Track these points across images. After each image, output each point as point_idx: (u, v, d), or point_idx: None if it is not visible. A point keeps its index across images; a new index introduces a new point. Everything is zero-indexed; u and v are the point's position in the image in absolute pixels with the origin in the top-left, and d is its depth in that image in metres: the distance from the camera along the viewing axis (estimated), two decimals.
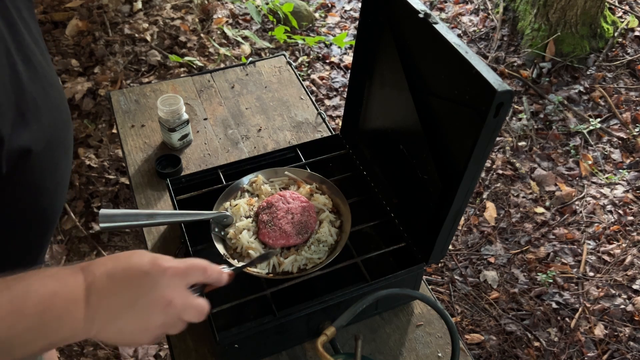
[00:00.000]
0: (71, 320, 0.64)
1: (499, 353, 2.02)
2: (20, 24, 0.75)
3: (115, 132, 2.62)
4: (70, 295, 0.64)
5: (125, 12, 3.30)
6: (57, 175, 0.86)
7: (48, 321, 0.62)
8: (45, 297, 0.62)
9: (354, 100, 1.24)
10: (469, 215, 2.48)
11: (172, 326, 0.72)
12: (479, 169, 0.88)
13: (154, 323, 0.69)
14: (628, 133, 2.83)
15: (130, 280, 0.68)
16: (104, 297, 0.66)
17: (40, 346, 0.63)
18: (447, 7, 3.64)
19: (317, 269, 1.02)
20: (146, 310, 0.69)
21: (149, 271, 0.69)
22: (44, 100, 0.78)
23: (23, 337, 0.61)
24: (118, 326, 0.67)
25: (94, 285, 0.66)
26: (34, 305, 0.61)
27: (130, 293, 0.68)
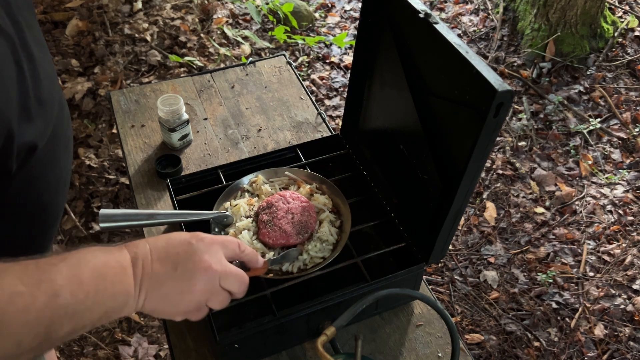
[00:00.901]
0: (122, 287, 0.68)
1: (499, 353, 2.02)
2: (22, 21, 0.76)
3: (115, 132, 2.62)
4: (119, 264, 0.69)
5: (125, 12, 3.30)
6: (58, 170, 0.87)
7: (103, 288, 0.65)
8: (98, 265, 0.66)
9: (354, 100, 1.24)
10: (469, 215, 2.48)
11: (214, 294, 0.76)
12: (479, 169, 0.88)
13: (196, 287, 0.73)
14: (628, 133, 2.83)
15: (171, 249, 0.73)
16: (148, 266, 0.71)
17: (99, 314, 0.66)
18: (447, 7, 3.64)
19: (317, 269, 1.02)
20: (187, 274, 0.72)
21: (189, 240, 0.75)
22: (46, 96, 0.78)
23: (84, 303, 0.63)
24: (163, 292, 0.71)
25: (137, 257, 0.71)
26: (89, 272, 0.64)
27: (171, 259, 0.72)
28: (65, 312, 0.61)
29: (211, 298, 0.76)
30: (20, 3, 0.77)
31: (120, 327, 2.05)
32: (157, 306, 0.72)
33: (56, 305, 0.60)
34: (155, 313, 0.74)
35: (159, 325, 2.06)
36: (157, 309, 0.73)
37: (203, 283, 0.74)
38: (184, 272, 0.72)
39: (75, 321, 0.63)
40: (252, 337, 0.96)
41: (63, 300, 0.61)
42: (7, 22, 0.72)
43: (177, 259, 0.73)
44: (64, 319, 0.61)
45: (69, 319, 0.62)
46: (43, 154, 0.79)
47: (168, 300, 0.72)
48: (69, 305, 0.61)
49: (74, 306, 0.62)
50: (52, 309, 0.60)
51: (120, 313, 0.69)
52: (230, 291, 0.78)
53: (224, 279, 0.76)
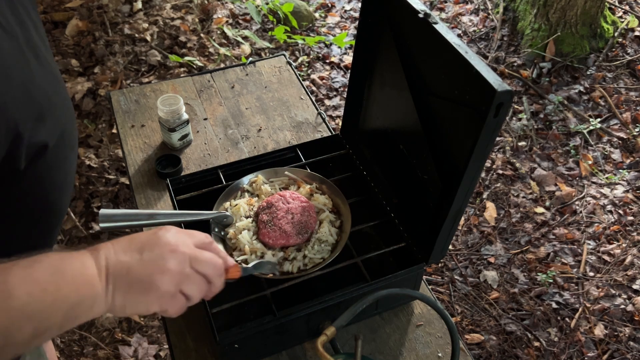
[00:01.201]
0: (84, 280, 0.65)
1: (499, 353, 2.02)
2: (28, 21, 0.76)
3: (115, 132, 2.62)
4: (78, 260, 0.66)
5: (125, 12, 3.30)
6: (65, 170, 0.88)
7: (63, 284, 0.63)
8: (54, 262, 0.64)
9: (354, 100, 1.24)
10: (469, 215, 2.48)
11: (188, 278, 0.72)
12: (479, 169, 0.88)
13: (165, 267, 0.70)
14: (628, 133, 2.83)
15: (134, 240, 0.71)
16: (111, 257, 0.68)
17: (62, 314, 0.63)
18: (447, 7, 3.64)
19: (317, 269, 1.02)
20: (154, 256, 0.70)
21: (153, 232, 0.73)
22: (54, 96, 0.79)
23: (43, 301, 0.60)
24: (131, 278, 0.68)
25: (99, 252, 0.68)
26: (45, 270, 0.62)
27: (136, 247, 0.70)
28: (23, 313, 0.59)
29: (185, 282, 0.72)
30: (25, 2, 0.78)
31: (120, 327, 2.05)
32: (129, 297, 0.68)
33: (11, 307, 0.58)
34: (128, 307, 0.69)
35: (159, 325, 2.06)
36: (130, 301, 0.69)
37: (172, 263, 0.70)
38: (151, 256, 0.69)
39: (35, 323, 0.60)
40: (252, 337, 0.96)
41: (18, 301, 0.58)
42: (13, 22, 0.72)
43: (141, 247, 0.70)
44: (22, 320, 0.59)
45: (28, 320, 0.59)
46: (52, 154, 0.80)
47: (140, 286, 0.68)
48: (25, 305, 0.59)
49: (32, 305, 0.59)
50: (7, 311, 0.57)
51: (89, 311, 0.66)
52: (205, 275, 0.74)
53: (195, 261, 0.73)
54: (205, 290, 0.75)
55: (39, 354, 1.02)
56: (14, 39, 0.71)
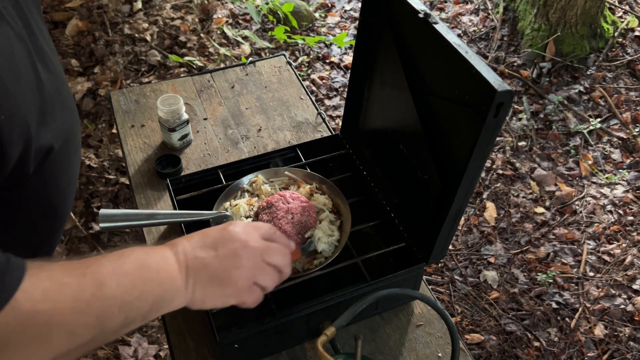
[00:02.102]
0: (168, 275, 0.69)
1: (499, 353, 2.02)
2: (33, 24, 0.76)
3: (115, 132, 2.62)
4: (160, 255, 0.70)
5: (125, 12, 3.30)
6: (70, 172, 0.88)
7: (149, 277, 0.67)
8: (139, 257, 0.67)
9: (354, 100, 1.24)
10: (469, 215, 2.48)
11: (262, 270, 0.78)
12: (479, 169, 0.88)
13: (241, 262, 0.75)
14: (628, 133, 2.83)
15: (207, 237, 0.76)
16: (189, 253, 0.73)
17: (148, 305, 0.66)
18: (447, 7, 3.64)
19: (317, 269, 1.02)
20: (229, 253, 0.75)
21: (223, 227, 0.79)
22: (59, 99, 0.79)
23: (131, 293, 0.64)
24: (210, 274, 0.73)
25: (177, 248, 0.73)
26: (132, 264, 0.65)
27: (210, 244, 0.75)
28: (114, 302, 0.61)
29: (259, 275, 0.78)
30: (30, 5, 0.77)
31: None
32: (207, 291, 0.73)
33: (104, 295, 0.60)
34: (208, 301, 0.74)
35: (159, 325, 2.06)
36: (209, 295, 0.73)
37: (247, 259, 0.76)
38: (225, 252, 0.75)
39: (125, 312, 0.63)
40: (252, 337, 0.96)
41: (110, 290, 0.61)
42: (20, 25, 0.72)
43: (215, 243, 0.75)
44: (114, 309, 0.61)
45: (119, 310, 0.62)
46: (57, 156, 0.80)
47: (217, 280, 0.73)
48: (116, 295, 0.62)
49: (122, 296, 0.62)
50: (101, 299, 0.60)
51: (170, 304, 0.70)
52: (276, 266, 0.80)
53: (266, 253, 0.78)
54: (278, 278, 0.81)
55: None
56: (23, 42, 0.71)
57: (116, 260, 0.65)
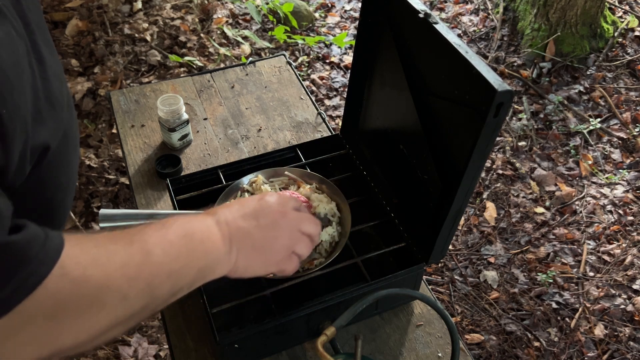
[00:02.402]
0: (212, 244, 0.71)
1: (499, 353, 2.02)
2: (32, 23, 0.76)
3: (115, 132, 2.62)
4: (203, 225, 0.72)
5: (125, 12, 3.30)
6: (69, 171, 0.88)
7: (193, 247, 0.68)
8: (183, 226, 0.69)
9: (354, 100, 1.24)
10: (469, 215, 2.48)
11: (299, 239, 0.83)
12: (479, 169, 0.87)
13: (282, 232, 0.80)
14: (628, 133, 2.83)
15: (247, 207, 0.79)
16: (232, 223, 0.75)
17: (194, 274, 0.68)
18: (447, 7, 3.64)
19: (317, 269, 1.02)
20: (270, 223, 0.79)
21: (259, 197, 0.82)
22: (56, 98, 0.79)
23: (177, 261, 0.65)
24: (253, 243, 0.76)
25: (219, 218, 0.74)
26: (176, 233, 0.66)
27: (251, 214, 0.78)
28: (162, 270, 0.62)
29: (297, 244, 0.82)
30: (29, 3, 0.77)
31: None
32: (250, 260, 0.76)
33: (152, 262, 0.61)
34: (249, 269, 0.77)
35: (159, 325, 2.06)
36: (251, 263, 0.76)
37: (286, 228, 0.80)
38: (266, 222, 0.78)
39: (172, 280, 0.64)
40: (252, 337, 0.96)
41: (157, 258, 0.62)
42: (19, 22, 0.72)
43: (256, 213, 0.78)
44: (162, 276, 0.62)
45: (167, 278, 0.63)
46: (55, 156, 0.80)
47: (261, 250, 0.77)
48: (163, 263, 0.63)
49: (169, 265, 0.63)
50: (149, 266, 0.61)
51: (214, 272, 0.71)
52: (310, 234, 0.84)
53: (301, 223, 0.83)
54: (311, 247, 0.86)
55: None
56: (22, 39, 0.71)
57: (160, 229, 0.66)
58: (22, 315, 0.49)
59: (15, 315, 0.49)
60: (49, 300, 0.51)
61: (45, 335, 0.52)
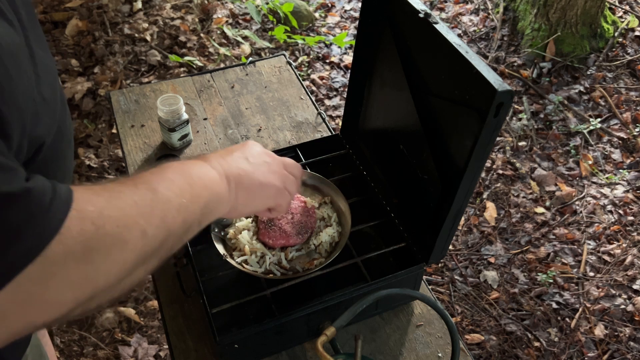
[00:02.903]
0: (210, 180, 0.73)
1: (499, 353, 2.02)
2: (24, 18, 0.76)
3: (115, 132, 2.62)
4: (197, 164, 0.74)
5: (125, 12, 3.30)
6: (64, 167, 0.88)
7: (193, 183, 0.70)
8: (179, 167, 0.71)
9: (354, 100, 1.24)
10: (469, 215, 2.48)
11: (286, 177, 0.88)
12: (479, 169, 0.87)
13: (273, 168, 0.85)
14: (628, 133, 2.83)
15: (233, 150, 0.83)
16: (224, 162, 0.78)
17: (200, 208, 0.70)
18: (447, 7, 3.64)
19: (317, 269, 1.02)
20: (260, 161, 0.84)
21: (244, 143, 0.87)
22: (49, 93, 0.79)
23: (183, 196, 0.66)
24: (250, 179, 0.80)
25: (209, 158, 0.77)
26: (174, 173, 0.68)
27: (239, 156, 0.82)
28: (171, 204, 0.64)
29: (286, 180, 0.87)
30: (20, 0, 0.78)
31: (120, 327, 2.05)
32: (249, 195, 0.79)
33: (160, 199, 0.63)
34: (250, 204, 0.81)
35: (159, 325, 2.06)
36: (252, 198, 0.80)
37: (275, 165, 0.86)
38: (256, 161, 0.83)
39: (182, 214, 0.66)
40: (252, 337, 0.96)
41: (164, 195, 0.64)
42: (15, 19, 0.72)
43: (243, 154, 0.82)
44: (173, 211, 0.64)
45: (177, 212, 0.65)
46: (49, 151, 0.80)
47: (258, 184, 0.81)
48: (171, 198, 0.65)
49: (176, 199, 0.65)
50: (159, 202, 0.63)
51: (218, 208, 0.74)
52: (294, 175, 0.90)
53: (285, 164, 0.89)
54: (298, 186, 0.92)
55: (40, 356, 1.02)
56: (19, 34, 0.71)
57: (158, 173, 0.68)
58: (53, 259, 0.51)
59: (46, 259, 0.50)
60: (74, 242, 0.52)
61: (79, 277, 0.54)
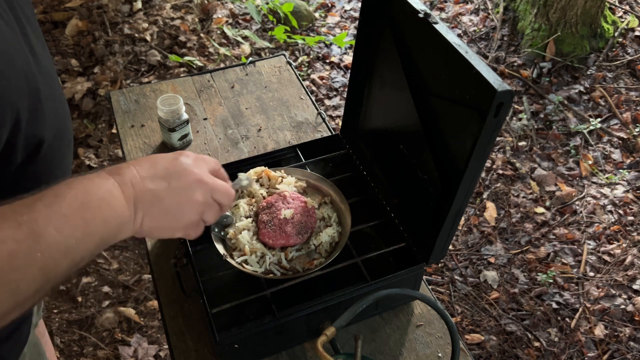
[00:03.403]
0: (113, 211, 0.66)
1: (499, 353, 2.02)
2: (23, 17, 0.76)
3: (115, 132, 2.62)
4: (105, 190, 0.67)
5: (125, 12, 3.30)
6: (63, 166, 0.87)
7: (91, 217, 0.63)
8: (78, 196, 0.63)
9: (354, 100, 1.24)
10: (469, 215, 2.48)
11: (209, 206, 0.78)
12: (479, 169, 0.87)
13: (194, 198, 0.75)
14: (628, 133, 2.83)
15: (159, 166, 0.73)
16: (138, 185, 0.70)
17: (94, 244, 0.64)
18: (447, 7, 3.64)
19: (317, 269, 1.02)
20: (183, 187, 0.74)
21: (174, 157, 0.76)
22: (49, 93, 0.78)
23: (73, 236, 0.60)
24: (163, 207, 0.72)
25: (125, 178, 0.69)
26: (70, 205, 0.61)
27: (162, 175, 0.73)
28: (57, 249, 0.59)
29: (206, 210, 0.78)
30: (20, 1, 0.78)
31: (120, 327, 2.05)
32: (157, 223, 0.72)
33: (43, 246, 0.57)
34: (155, 231, 0.73)
35: (158, 325, 2.06)
36: (158, 226, 0.72)
37: (200, 194, 0.75)
38: (178, 185, 0.73)
39: (70, 256, 0.60)
40: (252, 337, 0.96)
41: (50, 239, 0.58)
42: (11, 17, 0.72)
43: (168, 175, 0.73)
44: (57, 256, 0.59)
45: (63, 256, 0.59)
46: (49, 150, 0.79)
47: (169, 214, 0.73)
48: (58, 242, 0.59)
49: (65, 242, 0.59)
50: (41, 250, 0.57)
51: (117, 237, 0.68)
52: (220, 203, 0.80)
53: (215, 191, 0.78)
54: (219, 214, 0.82)
55: (38, 354, 1.02)
56: (14, 32, 0.71)
57: (52, 202, 0.60)
58: None
59: None
60: None
61: None
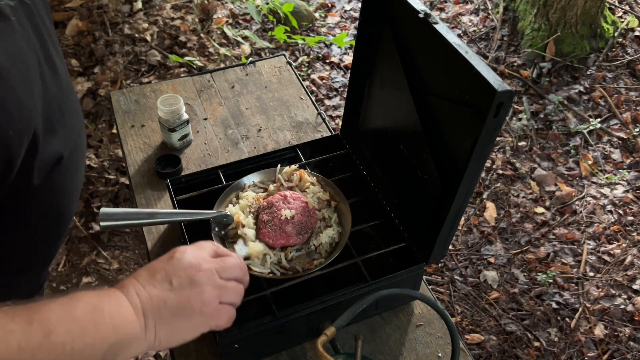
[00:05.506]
0: (123, 318, 0.65)
1: (499, 353, 2.02)
2: (44, 31, 0.76)
3: (115, 132, 2.62)
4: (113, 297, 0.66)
5: (125, 12, 3.30)
6: (76, 178, 0.87)
7: (101, 321, 0.63)
8: (91, 300, 0.63)
9: (354, 100, 1.24)
10: (469, 215, 2.48)
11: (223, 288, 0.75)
12: (479, 169, 0.87)
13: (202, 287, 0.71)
14: (628, 133, 2.83)
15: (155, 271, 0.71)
16: (142, 292, 0.68)
17: (102, 351, 0.63)
18: (447, 7, 3.64)
19: (317, 269, 1.02)
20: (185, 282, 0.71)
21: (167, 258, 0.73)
22: (67, 106, 0.78)
23: (82, 339, 0.60)
24: (172, 309, 0.69)
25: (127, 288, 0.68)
26: (83, 308, 0.62)
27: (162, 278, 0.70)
28: (63, 350, 0.58)
29: (222, 293, 0.74)
30: (42, 12, 0.77)
31: None
32: (173, 328, 0.69)
33: (52, 343, 0.57)
34: (176, 338, 0.70)
35: None
36: (176, 331, 0.70)
37: (205, 282, 0.72)
38: (181, 282, 0.71)
39: (78, 358, 0.60)
40: (252, 337, 0.96)
41: (59, 338, 0.58)
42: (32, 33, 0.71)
43: (167, 276, 0.71)
44: (63, 357, 0.58)
45: (69, 358, 0.59)
46: (66, 164, 0.79)
47: (182, 314, 0.70)
48: (65, 343, 0.58)
49: (72, 344, 0.59)
50: (49, 348, 0.57)
51: (129, 348, 0.65)
52: (235, 279, 0.77)
53: (222, 270, 0.75)
54: (242, 290, 0.78)
55: None
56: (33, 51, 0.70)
57: (66, 304, 0.61)
58: None
59: None
60: None
61: None
